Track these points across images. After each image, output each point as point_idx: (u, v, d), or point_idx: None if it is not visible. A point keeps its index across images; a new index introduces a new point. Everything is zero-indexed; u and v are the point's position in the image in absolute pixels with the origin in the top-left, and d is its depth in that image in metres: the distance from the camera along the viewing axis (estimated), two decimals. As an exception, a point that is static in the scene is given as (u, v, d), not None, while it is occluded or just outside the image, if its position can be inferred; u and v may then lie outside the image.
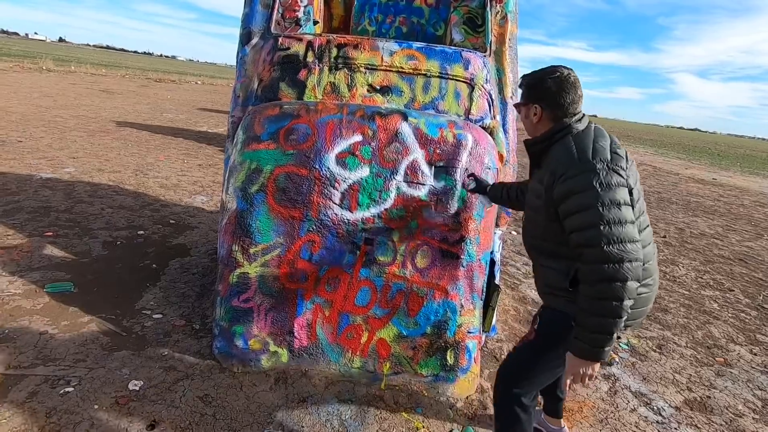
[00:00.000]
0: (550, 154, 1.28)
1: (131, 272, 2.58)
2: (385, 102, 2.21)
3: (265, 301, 1.89)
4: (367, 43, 2.23)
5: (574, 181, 1.15)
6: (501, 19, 2.52)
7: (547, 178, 1.22)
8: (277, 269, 1.89)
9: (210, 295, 2.37)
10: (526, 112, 1.36)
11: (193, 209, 3.87)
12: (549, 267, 1.33)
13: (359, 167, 1.91)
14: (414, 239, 1.93)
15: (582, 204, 1.13)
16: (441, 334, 1.91)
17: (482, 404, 1.90)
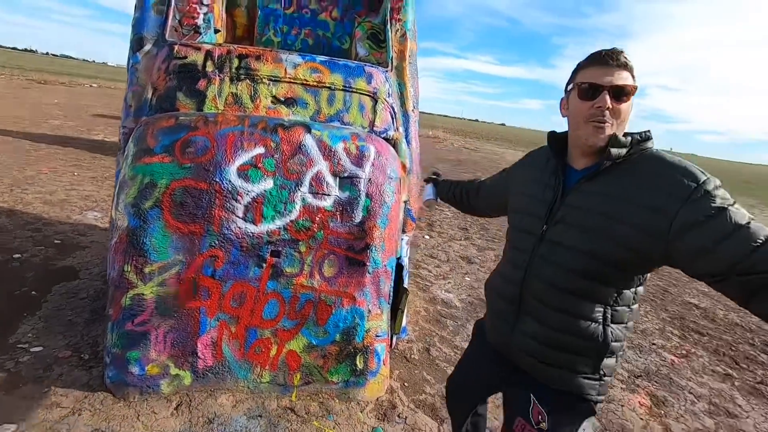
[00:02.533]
0: (649, 164, 0.96)
1: (4, 302, 2.27)
2: (290, 114, 2.22)
3: (164, 323, 1.79)
4: (270, 54, 2.23)
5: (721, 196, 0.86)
6: (401, 37, 2.67)
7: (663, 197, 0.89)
8: (177, 288, 1.80)
9: (102, 320, 2.18)
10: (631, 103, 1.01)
11: (84, 227, 3.50)
12: (584, 311, 1.01)
13: (263, 180, 1.90)
14: (321, 249, 1.97)
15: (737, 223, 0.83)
16: (350, 341, 1.96)
17: (392, 404, 1.98)
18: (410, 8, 2.70)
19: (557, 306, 1.04)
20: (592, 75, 1.00)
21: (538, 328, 1.08)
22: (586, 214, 1.00)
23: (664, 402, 2.35)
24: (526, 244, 1.11)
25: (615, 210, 0.95)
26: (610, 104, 0.97)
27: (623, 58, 0.98)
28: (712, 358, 2.98)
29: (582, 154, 1.05)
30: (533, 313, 1.09)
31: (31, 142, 6.52)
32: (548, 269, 1.05)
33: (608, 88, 0.97)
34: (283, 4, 3.00)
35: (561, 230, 1.04)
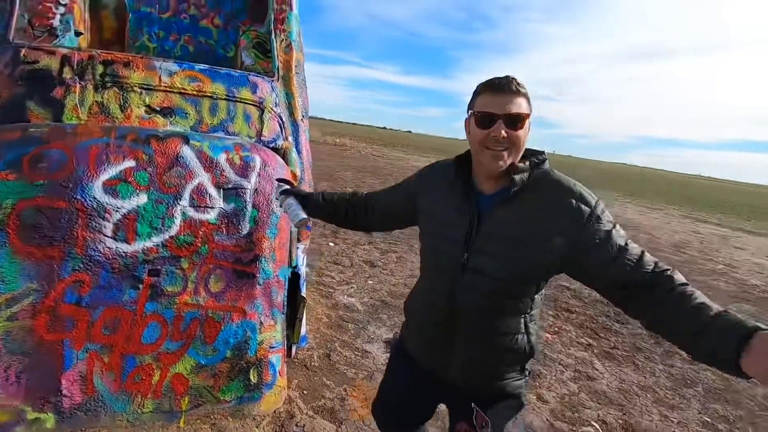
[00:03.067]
0: (549, 187, 1.06)
1: None
2: (168, 124, 2.11)
3: (16, 362, 1.58)
4: (141, 61, 2.10)
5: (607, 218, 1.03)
6: (286, 47, 2.68)
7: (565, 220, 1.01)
8: (32, 320, 1.60)
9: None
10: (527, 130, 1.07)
11: None
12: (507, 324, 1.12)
13: (135, 195, 1.78)
14: (206, 264, 1.89)
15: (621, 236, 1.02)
16: (242, 355, 1.91)
17: (290, 414, 1.97)
18: (294, 20, 2.74)
19: (486, 328, 1.13)
20: (487, 103, 1.05)
21: (472, 349, 1.16)
22: (503, 241, 1.06)
23: (539, 375, 2.68)
24: (449, 271, 1.14)
25: (526, 236, 1.04)
26: (505, 133, 1.02)
27: (515, 85, 1.03)
28: (578, 331, 3.45)
29: (487, 179, 1.11)
30: (465, 337, 1.16)
31: None
32: (474, 296, 1.11)
33: (502, 117, 1.02)
34: (157, 8, 2.83)
35: (482, 260, 1.08)
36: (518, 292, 1.10)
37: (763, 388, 2.97)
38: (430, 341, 1.24)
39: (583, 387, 2.64)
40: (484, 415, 1.17)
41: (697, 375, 3.03)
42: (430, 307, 1.23)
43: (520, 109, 1.04)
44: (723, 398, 2.78)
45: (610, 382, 2.75)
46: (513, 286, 1.09)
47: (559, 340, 3.24)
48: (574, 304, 4.09)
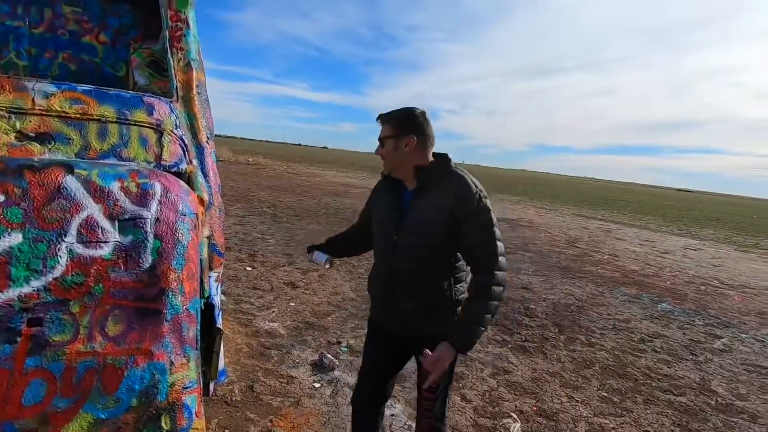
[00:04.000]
0: (447, 180, 1.49)
1: None
2: (46, 151, 1.88)
3: None
4: (9, 82, 1.86)
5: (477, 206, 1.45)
6: (185, 66, 2.55)
7: (452, 201, 1.44)
8: None
9: None
10: (397, 144, 1.52)
11: None
12: (434, 283, 1.53)
13: (6, 234, 1.55)
14: (101, 305, 1.70)
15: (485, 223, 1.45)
16: (150, 402, 1.74)
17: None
18: (193, 38, 2.62)
19: (414, 284, 1.54)
20: None
21: (407, 301, 1.56)
22: (419, 221, 1.50)
23: (462, 376, 2.81)
24: (387, 246, 1.59)
25: (433, 215, 1.47)
26: (380, 150, 1.56)
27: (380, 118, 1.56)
28: (494, 329, 3.70)
29: (408, 179, 1.57)
30: (401, 291, 1.56)
31: None
32: (403, 262, 1.54)
33: (379, 140, 1.57)
34: (27, 23, 2.52)
35: (406, 237, 1.53)
36: (434, 256, 1.51)
37: (645, 361, 3.43)
38: (380, 301, 1.69)
39: (501, 381, 2.83)
40: None
41: (594, 356, 3.41)
42: (378, 277, 1.67)
43: (383, 133, 1.55)
44: (616, 374, 3.16)
45: (524, 373, 2.98)
46: (429, 251, 1.50)
47: (477, 340, 3.44)
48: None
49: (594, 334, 3.91)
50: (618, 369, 3.21)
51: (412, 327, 1.59)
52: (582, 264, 7.05)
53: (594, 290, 5.51)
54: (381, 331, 1.72)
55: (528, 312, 4.28)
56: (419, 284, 1.54)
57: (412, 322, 1.58)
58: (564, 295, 5.13)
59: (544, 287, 5.37)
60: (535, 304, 4.61)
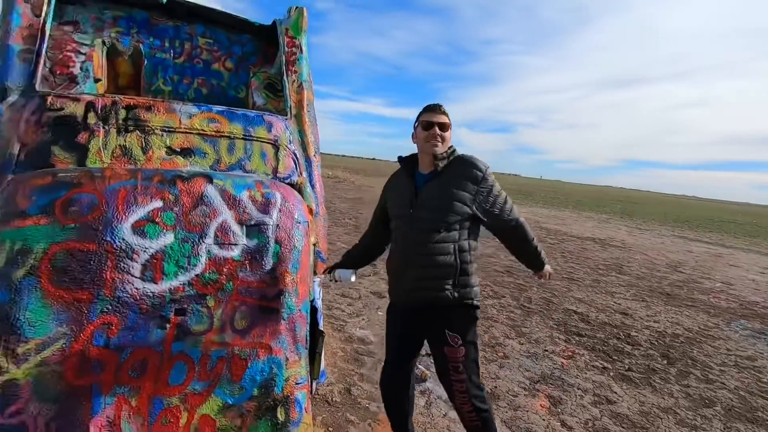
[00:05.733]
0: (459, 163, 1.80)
1: None
2: (187, 164, 2.16)
3: (45, 409, 1.55)
4: (162, 105, 2.17)
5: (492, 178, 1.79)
6: (298, 87, 2.79)
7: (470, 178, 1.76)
8: (61, 365, 1.59)
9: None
10: (450, 132, 1.84)
11: None
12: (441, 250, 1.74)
13: (162, 235, 1.80)
14: (231, 301, 1.90)
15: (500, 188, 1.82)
16: (269, 393, 1.89)
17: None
18: (304, 61, 2.86)
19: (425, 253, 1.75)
20: (427, 117, 1.83)
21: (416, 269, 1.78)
22: (432, 198, 1.77)
23: (560, 401, 2.66)
24: (404, 223, 1.84)
25: (446, 192, 1.75)
26: (438, 132, 1.79)
27: (443, 108, 1.85)
28: (591, 355, 3.45)
29: (426, 165, 1.85)
30: (412, 262, 1.79)
31: None
32: (416, 233, 1.78)
33: (437, 123, 1.80)
34: (172, 54, 2.94)
35: (419, 210, 1.78)
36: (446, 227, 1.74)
37: None
38: (395, 273, 1.91)
39: (604, 411, 2.62)
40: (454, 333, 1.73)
41: (715, 395, 3.03)
42: (394, 252, 1.92)
43: (446, 120, 1.83)
44: (744, 417, 2.78)
45: (630, 405, 2.74)
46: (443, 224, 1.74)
47: (574, 364, 3.23)
48: (583, 327, 4.10)
49: (711, 370, 3.47)
50: (746, 412, 2.81)
51: (419, 294, 1.78)
52: (689, 291, 6.32)
53: (707, 321, 4.90)
54: (397, 311, 1.93)
55: (629, 339, 3.93)
56: (429, 253, 1.74)
57: (419, 288, 1.78)
58: (670, 324, 4.63)
59: (646, 314, 4.90)
60: (637, 331, 4.22)
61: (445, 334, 1.75)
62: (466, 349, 1.74)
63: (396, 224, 1.92)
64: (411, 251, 1.80)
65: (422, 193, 1.81)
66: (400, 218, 1.88)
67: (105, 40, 2.70)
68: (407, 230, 1.82)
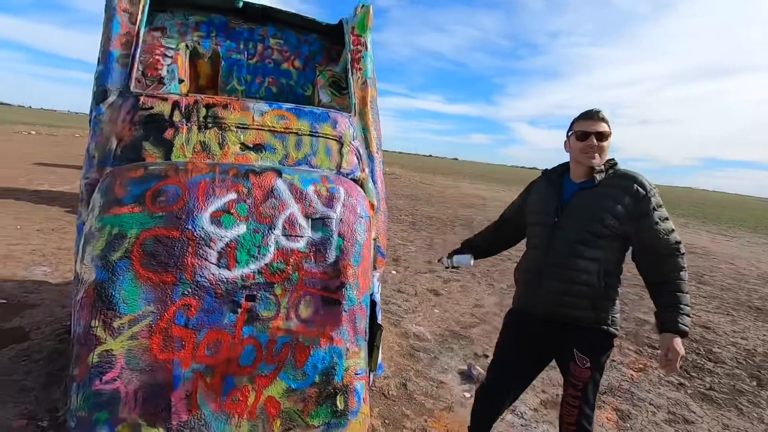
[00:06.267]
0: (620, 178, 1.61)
1: (-57, 372, 2.08)
2: (258, 159, 2.28)
3: (135, 379, 1.72)
4: (237, 103, 2.31)
5: (654, 201, 1.56)
6: (362, 84, 2.84)
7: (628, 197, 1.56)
8: (148, 340, 1.75)
9: (60, 383, 2.04)
10: (609, 141, 1.64)
11: (32, 283, 3.28)
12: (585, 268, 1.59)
13: (236, 225, 1.92)
14: (296, 291, 1.99)
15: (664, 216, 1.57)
16: (329, 381, 1.96)
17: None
18: (369, 59, 2.90)
19: (565, 265, 1.61)
20: (583, 125, 1.63)
21: (554, 282, 1.63)
22: (582, 209, 1.61)
23: (629, 415, 2.49)
24: (542, 231, 1.69)
25: (599, 205, 1.58)
26: (596, 143, 1.60)
27: (601, 114, 1.62)
28: (666, 369, 3.19)
29: (579, 174, 1.67)
30: (550, 272, 1.64)
31: (-36, 195, 6.07)
32: (560, 243, 1.63)
33: (594, 133, 1.60)
34: (246, 55, 3.11)
35: (565, 220, 1.63)
36: (592, 243, 1.58)
37: None
38: (527, 284, 1.76)
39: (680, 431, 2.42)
40: (583, 355, 1.60)
41: (816, 425, 2.68)
42: (529, 260, 1.76)
43: (605, 129, 1.62)
44: None
45: (711, 427, 2.50)
46: (589, 237, 1.58)
47: (645, 377, 3.01)
48: (656, 339, 3.80)
49: (813, 397, 3.07)
50: None
51: (554, 309, 1.64)
52: (788, 308, 5.62)
53: (808, 342, 4.33)
54: (522, 317, 1.78)
55: (710, 355, 3.58)
56: (569, 267, 1.61)
57: (555, 303, 1.64)
58: (761, 342, 4.15)
59: (732, 329, 4.42)
60: (721, 348, 3.83)
61: (573, 353, 1.63)
62: (591, 372, 1.61)
63: (535, 231, 1.78)
64: (549, 262, 1.66)
65: (571, 203, 1.66)
66: (542, 226, 1.73)
67: (188, 43, 2.93)
68: (548, 240, 1.68)
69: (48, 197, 6.65)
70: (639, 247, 1.59)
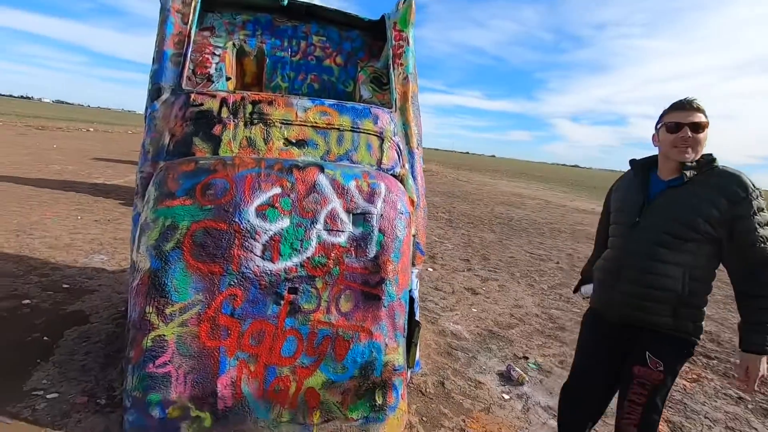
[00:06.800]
0: (717, 176, 1.44)
1: (17, 349, 2.26)
2: (301, 154, 2.32)
3: (184, 363, 1.80)
4: (282, 100, 2.36)
5: (759, 204, 1.38)
6: (403, 80, 2.82)
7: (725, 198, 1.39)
8: (197, 327, 1.83)
9: (117, 364, 2.17)
10: (706, 133, 1.47)
11: (91, 270, 3.51)
12: (667, 271, 1.45)
13: (280, 218, 1.97)
14: (337, 285, 2.01)
15: (764, 221, 1.38)
16: (368, 375, 1.97)
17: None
18: (411, 54, 2.88)
19: (645, 267, 1.48)
20: (675, 116, 1.48)
21: (631, 285, 1.52)
22: (668, 208, 1.47)
23: (681, 428, 2.35)
24: (626, 228, 1.57)
25: (689, 204, 1.42)
26: (690, 134, 1.44)
27: (696, 103, 1.46)
28: (723, 381, 2.98)
29: (669, 170, 1.52)
30: (628, 274, 1.53)
31: (33, 187, 6.58)
32: (641, 242, 1.50)
33: (688, 125, 1.45)
34: (290, 52, 3.17)
35: (652, 218, 1.50)
36: (677, 245, 1.44)
37: None
38: (604, 285, 1.65)
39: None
40: (656, 359, 1.47)
41: None
42: (608, 259, 1.65)
43: (701, 120, 1.46)
44: None
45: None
46: (672, 238, 1.45)
47: (700, 389, 2.83)
48: (712, 348, 3.56)
49: None
50: None
51: (630, 312, 1.54)
52: None
53: None
54: (599, 317, 1.68)
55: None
56: (650, 270, 1.48)
57: (632, 307, 1.53)
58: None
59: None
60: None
61: (645, 355, 1.50)
62: (663, 376, 1.47)
63: (616, 230, 1.65)
64: (628, 263, 1.54)
65: (657, 201, 1.52)
66: (622, 225, 1.61)
67: (235, 42, 3.01)
68: (628, 239, 1.56)
69: (104, 190, 7.10)
70: (732, 253, 1.42)
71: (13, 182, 6.74)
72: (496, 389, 2.46)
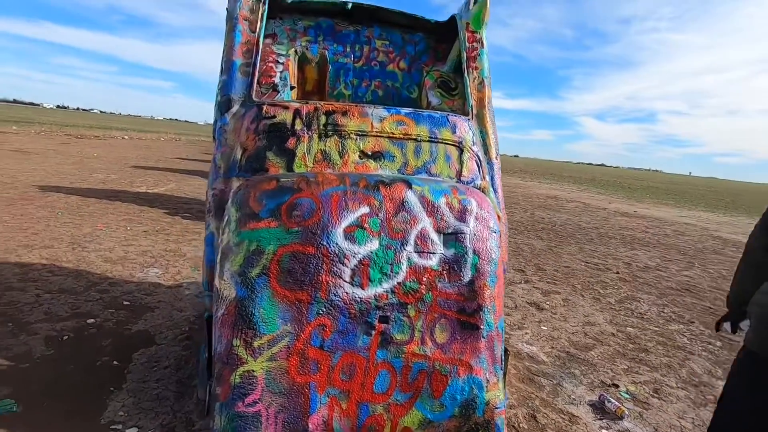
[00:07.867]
0: None
1: (87, 374, 2.18)
2: (378, 167, 2.16)
3: (275, 401, 1.65)
4: (356, 109, 2.20)
5: None
6: (479, 84, 2.63)
7: None
8: (286, 362, 1.68)
9: (192, 393, 2.05)
10: None
11: (148, 285, 3.45)
12: None
13: (368, 240, 1.80)
14: (431, 312, 1.83)
15: None
16: (470, 415, 1.78)
17: (520, 488, 1.76)
18: (485, 56, 2.69)
19: None
20: None
21: None
22: None
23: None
24: None
25: None
26: None
27: None
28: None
29: None
30: None
31: (81, 197, 6.70)
32: None
33: None
34: (352, 58, 3.02)
35: None
36: None
37: None
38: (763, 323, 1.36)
39: None
40: None
41: None
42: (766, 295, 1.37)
43: None
44: None
45: None
46: None
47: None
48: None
49: None
50: None
51: None
52: None
53: None
54: (756, 362, 1.38)
55: None
56: None
57: None
58: None
59: None
60: None
61: None
62: None
63: None
64: None
65: None
66: None
67: (297, 49, 2.89)
68: None
69: (147, 199, 7.16)
70: None
71: (61, 192, 6.88)
72: (593, 424, 2.23)
